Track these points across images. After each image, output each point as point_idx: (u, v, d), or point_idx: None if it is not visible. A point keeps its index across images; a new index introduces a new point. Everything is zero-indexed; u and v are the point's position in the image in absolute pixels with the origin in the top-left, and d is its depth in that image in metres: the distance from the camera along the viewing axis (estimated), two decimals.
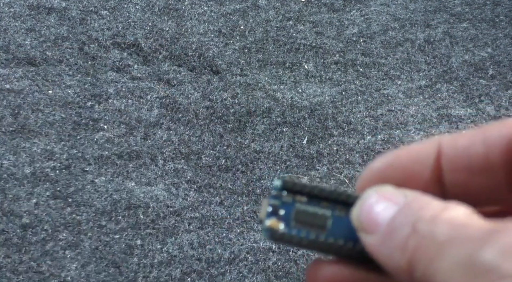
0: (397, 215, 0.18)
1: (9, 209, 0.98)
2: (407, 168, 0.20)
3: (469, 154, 0.19)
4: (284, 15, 1.38)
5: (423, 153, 0.20)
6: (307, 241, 0.20)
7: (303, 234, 0.20)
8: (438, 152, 0.19)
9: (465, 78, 1.28)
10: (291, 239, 0.20)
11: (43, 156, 1.05)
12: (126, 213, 0.99)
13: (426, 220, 0.17)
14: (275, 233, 0.20)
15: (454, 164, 0.19)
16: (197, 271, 0.94)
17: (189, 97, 1.18)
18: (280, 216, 0.20)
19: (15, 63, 1.20)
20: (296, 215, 0.20)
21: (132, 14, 1.33)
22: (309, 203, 0.20)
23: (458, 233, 0.16)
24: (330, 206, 0.20)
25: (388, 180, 0.20)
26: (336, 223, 0.20)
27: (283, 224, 0.20)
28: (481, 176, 0.19)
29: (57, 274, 0.91)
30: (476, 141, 0.19)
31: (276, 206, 0.20)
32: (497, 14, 1.43)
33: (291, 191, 0.20)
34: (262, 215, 0.20)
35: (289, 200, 0.20)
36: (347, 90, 1.23)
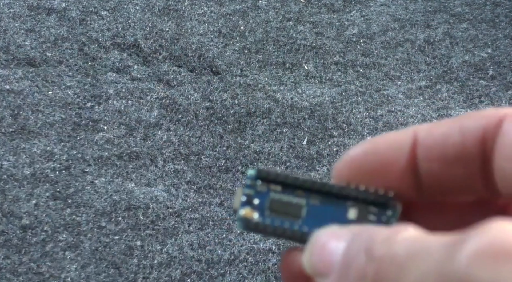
0: (349, 247, 0.17)
1: (9, 210, 0.98)
2: (383, 155, 0.19)
3: (445, 143, 0.19)
4: (284, 16, 1.38)
5: (399, 141, 0.19)
6: (282, 230, 0.19)
7: (278, 223, 0.20)
8: (414, 140, 0.19)
9: (465, 78, 1.28)
10: (266, 228, 0.19)
11: (43, 157, 1.05)
12: (126, 214, 0.99)
13: (380, 243, 0.16)
14: (249, 223, 0.20)
15: (429, 152, 0.19)
16: (197, 272, 0.94)
17: (189, 98, 1.18)
18: (255, 205, 0.20)
19: (15, 64, 1.20)
20: (271, 204, 0.20)
21: (132, 14, 1.33)
22: (284, 192, 0.20)
23: (419, 248, 0.15)
24: (304, 195, 0.20)
25: (364, 168, 0.20)
26: (310, 212, 0.20)
27: (257, 213, 0.20)
28: (456, 166, 0.19)
29: (57, 275, 0.91)
30: (452, 130, 0.19)
31: (250, 196, 0.20)
32: (497, 15, 1.43)
33: (266, 180, 0.20)
34: (236, 204, 0.20)
35: (263, 189, 0.20)
36: (347, 91, 1.23)
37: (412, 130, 0.19)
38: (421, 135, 0.19)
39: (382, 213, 0.20)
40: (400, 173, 0.19)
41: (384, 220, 0.20)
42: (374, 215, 0.20)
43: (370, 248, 0.16)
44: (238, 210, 0.20)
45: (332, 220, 0.20)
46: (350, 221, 0.20)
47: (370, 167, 0.20)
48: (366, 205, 0.20)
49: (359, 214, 0.20)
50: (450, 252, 0.14)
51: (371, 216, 0.20)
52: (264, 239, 0.98)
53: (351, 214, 0.20)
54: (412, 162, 0.19)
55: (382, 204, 0.20)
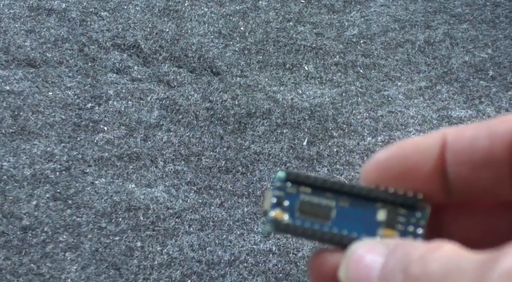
0: (386, 264, 0.17)
1: (9, 210, 0.98)
2: (411, 159, 0.20)
3: (474, 147, 0.19)
4: (284, 16, 1.38)
5: (427, 144, 0.19)
6: (312, 231, 0.20)
7: (308, 224, 0.20)
8: (442, 144, 0.19)
9: (465, 79, 1.28)
10: (296, 229, 0.20)
11: (43, 158, 1.05)
12: (126, 215, 0.99)
13: (416, 262, 0.16)
14: (279, 224, 0.20)
15: (458, 156, 0.19)
16: (197, 273, 0.94)
17: (189, 98, 1.18)
18: (284, 207, 0.20)
19: (15, 65, 1.20)
20: (301, 205, 0.20)
21: (132, 15, 1.33)
22: (313, 193, 0.20)
23: (453, 268, 0.15)
24: (334, 197, 0.20)
25: (392, 171, 0.20)
26: (340, 214, 0.20)
27: (287, 215, 0.20)
28: (485, 170, 0.19)
29: (57, 276, 0.91)
30: (481, 134, 0.19)
31: (281, 197, 0.20)
32: (497, 15, 1.43)
33: (295, 182, 0.21)
34: (267, 206, 0.20)
35: (293, 191, 0.20)
36: (347, 91, 1.23)
37: (441, 134, 0.19)
38: (449, 139, 0.19)
39: (411, 215, 0.20)
40: (428, 176, 0.19)
41: (413, 222, 0.20)
42: (403, 217, 0.20)
43: (407, 267, 0.16)
44: (268, 212, 0.20)
45: (361, 221, 0.20)
46: (379, 222, 0.20)
47: (398, 170, 0.20)
48: (395, 206, 0.20)
49: (388, 216, 0.20)
50: (483, 272, 0.14)
51: (400, 218, 0.20)
52: (264, 240, 0.98)
53: (380, 215, 0.20)
54: (441, 165, 0.19)
55: (411, 206, 0.20)
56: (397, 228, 0.20)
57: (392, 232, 0.20)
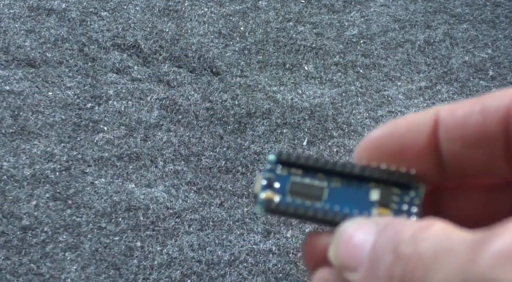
0: (376, 244, 0.17)
1: (9, 210, 0.98)
2: (404, 137, 0.19)
3: (467, 124, 0.18)
4: (284, 16, 1.38)
5: (420, 122, 0.19)
6: (303, 211, 0.19)
7: (299, 204, 0.19)
8: (435, 121, 0.19)
9: (465, 79, 1.28)
10: (287, 209, 0.19)
11: (43, 158, 1.05)
12: (126, 215, 0.99)
13: (406, 242, 0.16)
14: (270, 204, 0.20)
15: (451, 133, 0.19)
16: (197, 273, 0.94)
17: (189, 98, 1.18)
18: (275, 188, 0.20)
19: (15, 65, 1.20)
20: (292, 187, 0.20)
21: (132, 15, 1.33)
22: (305, 175, 0.20)
23: (444, 248, 0.15)
24: (325, 178, 0.20)
25: (385, 149, 0.20)
26: (332, 194, 0.20)
27: (278, 196, 0.20)
28: (478, 146, 0.18)
29: (57, 276, 0.91)
30: (474, 111, 0.18)
31: (271, 179, 0.20)
32: (497, 15, 1.43)
33: (286, 164, 0.20)
34: (257, 188, 0.20)
35: (284, 173, 0.20)
36: (347, 91, 1.23)
37: (434, 111, 0.19)
38: (442, 116, 0.19)
39: (405, 194, 0.20)
40: (421, 154, 0.19)
41: (408, 201, 0.19)
42: (397, 196, 0.20)
43: (397, 246, 0.16)
44: (258, 194, 0.20)
45: (354, 201, 0.19)
46: (372, 202, 0.19)
47: (391, 148, 0.19)
48: (388, 186, 0.20)
49: (382, 195, 0.20)
50: (474, 253, 0.14)
51: (394, 197, 0.19)
52: (264, 240, 0.98)
53: (373, 195, 0.20)
54: (434, 143, 0.19)
55: (405, 185, 0.20)
56: (391, 207, 0.19)
57: (386, 211, 0.19)
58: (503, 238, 0.14)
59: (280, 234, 0.99)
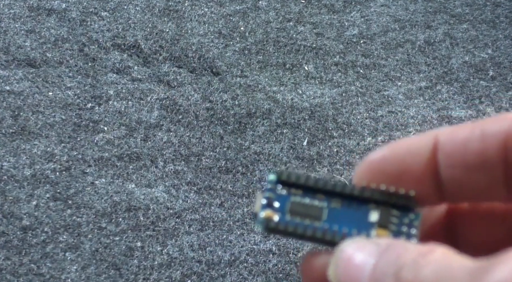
0: (377, 266, 0.17)
1: (9, 211, 0.98)
2: (403, 161, 0.19)
3: (466, 149, 0.18)
4: (284, 16, 1.38)
5: (419, 146, 0.19)
6: (302, 230, 0.19)
7: (298, 224, 0.20)
8: (434, 145, 0.19)
9: (466, 79, 1.28)
10: (286, 228, 0.19)
11: (43, 158, 1.05)
12: (126, 215, 0.99)
13: (408, 266, 0.16)
14: (269, 224, 0.20)
15: (450, 158, 0.19)
16: (197, 273, 0.94)
17: (189, 98, 1.18)
18: (275, 208, 0.20)
19: (15, 65, 1.20)
20: (291, 206, 0.20)
21: (132, 15, 1.33)
22: (304, 195, 0.20)
23: (444, 276, 0.15)
24: (325, 198, 0.20)
25: (384, 173, 0.20)
26: (331, 214, 0.20)
27: (278, 215, 0.20)
28: (478, 171, 0.18)
29: (57, 276, 0.91)
30: (474, 136, 0.18)
31: (271, 199, 0.20)
32: (497, 15, 1.43)
33: (286, 184, 0.20)
34: (257, 207, 0.20)
35: (283, 193, 0.20)
36: (347, 91, 1.23)
37: (433, 135, 0.19)
38: (441, 140, 0.19)
39: (404, 216, 0.20)
40: (420, 177, 0.19)
41: (407, 223, 0.19)
42: (396, 218, 0.20)
43: (399, 271, 0.16)
44: (258, 213, 0.20)
45: (353, 222, 0.19)
46: (372, 223, 0.20)
47: (391, 171, 0.19)
48: (388, 207, 0.20)
49: (381, 217, 0.20)
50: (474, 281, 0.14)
51: (393, 219, 0.20)
52: (264, 240, 0.98)
53: (372, 216, 0.20)
54: (433, 166, 0.19)
55: (405, 207, 0.20)
56: (390, 228, 0.19)
57: (385, 232, 0.19)
58: (502, 268, 0.14)
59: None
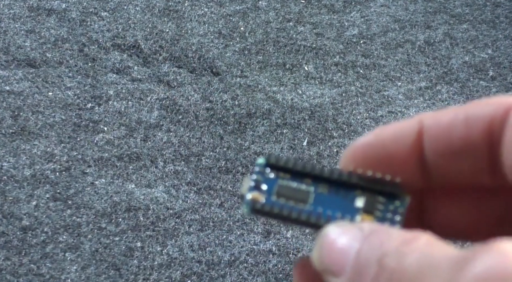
0: (360, 251, 0.17)
1: (9, 211, 0.98)
2: (388, 145, 0.19)
3: (450, 133, 0.18)
4: (284, 17, 1.38)
5: (404, 130, 0.19)
6: (288, 212, 0.20)
7: (284, 206, 0.20)
8: (419, 130, 0.19)
9: (466, 79, 1.28)
10: (271, 210, 0.20)
11: (43, 158, 1.05)
12: (126, 215, 0.99)
13: (391, 253, 0.16)
14: (255, 205, 0.20)
15: (435, 143, 0.19)
16: (197, 273, 0.94)
17: (189, 99, 1.18)
18: (262, 190, 0.20)
19: (15, 65, 1.20)
20: (278, 189, 0.20)
21: (132, 15, 1.33)
22: (292, 178, 0.20)
23: (427, 264, 0.15)
24: (312, 182, 0.20)
25: (370, 157, 0.20)
26: (318, 198, 0.20)
27: (264, 197, 0.20)
28: (462, 156, 0.18)
29: (57, 276, 0.91)
30: (458, 120, 0.18)
31: (259, 181, 0.20)
32: (497, 15, 1.43)
33: (274, 168, 0.21)
34: (244, 190, 0.20)
35: (271, 176, 0.21)
36: (347, 91, 1.23)
37: (417, 120, 0.19)
38: (426, 124, 0.19)
39: (390, 203, 0.20)
40: (405, 162, 0.19)
41: (392, 209, 0.20)
42: (382, 204, 0.20)
43: (382, 258, 0.16)
44: (245, 194, 0.20)
45: (339, 207, 0.20)
46: (357, 209, 0.20)
47: (376, 157, 0.20)
48: (374, 194, 0.20)
49: (367, 203, 0.20)
50: (456, 272, 0.14)
51: (379, 205, 0.20)
52: (264, 240, 0.98)
53: (358, 202, 0.20)
54: (418, 151, 0.19)
55: (390, 194, 0.20)
56: (375, 215, 0.20)
57: (370, 217, 0.19)
58: (484, 259, 0.14)
59: (280, 235, 0.99)
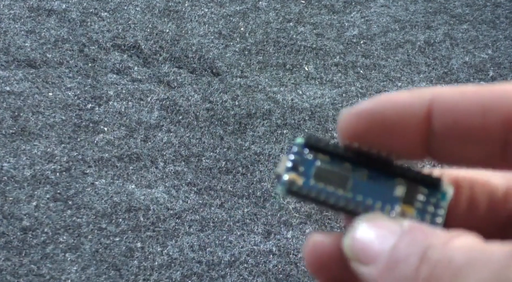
0: (399, 244, 0.16)
1: (9, 211, 0.98)
2: (393, 119, 0.18)
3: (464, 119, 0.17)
4: (284, 17, 1.38)
5: (412, 105, 0.18)
6: (325, 197, 0.19)
7: (322, 190, 0.19)
8: (429, 107, 0.18)
9: (466, 80, 1.28)
10: (308, 193, 0.19)
11: (43, 158, 1.05)
12: (126, 216, 0.99)
13: (437, 247, 0.15)
14: (292, 186, 0.19)
15: (445, 124, 0.18)
16: (198, 273, 0.94)
17: (189, 99, 1.18)
18: (300, 172, 0.19)
19: (15, 65, 1.20)
20: (316, 172, 0.19)
21: (132, 16, 1.33)
22: (331, 162, 0.20)
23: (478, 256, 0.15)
24: (352, 168, 0.19)
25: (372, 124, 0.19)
26: (356, 184, 0.19)
27: (302, 179, 0.19)
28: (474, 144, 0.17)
29: (57, 277, 0.91)
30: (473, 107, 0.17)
31: (297, 162, 0.20)
32: (497, 16, 1.43)
33: (313, 149, 0.20)
34: (281, 169, 0.19)
35: (310, 157, 0.20)
36: (348, 92, 1.23)
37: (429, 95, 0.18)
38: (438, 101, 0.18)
39: (431, 195, 0.19)
40: (410, 137, 0.18)
41: (434, 202, 0.19)
42: (423, 195, 0.19)
43: (426, 251, 0.15)
44: (282, 175, 0.19)
45: (378, 194, 0.19)
46: (397, 198, 0.19)
47: (380, 124, 0.18)
48: (415, 183, 0.19)
49: (407, 192, 0.19)
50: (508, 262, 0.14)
51: (420, 196, 0.19)
52: (265, 240, 0.98)
53: (398, 191, 0.19)
54: (425, 128, 0.18)
55: (433, 185, 0.19)
56: (415, 206, 0.19)
57: (410, 209, 0.19)
58: None
59: (281, 235, 0.99)
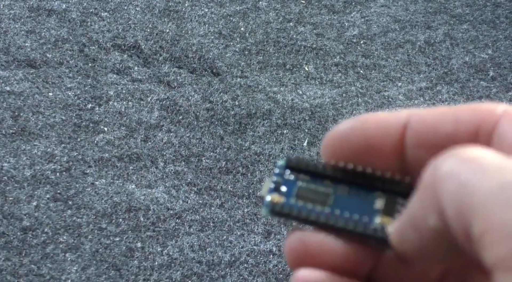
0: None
1: (10, 211, 0.98)
2: (371, 135, 0.19)
3: (436, 132, 0.18)
4: (284, 17, 1.38)
5: (389, 122, 0.19)
6: (306, 214, 0.19)
7: (303, 208, 0.20)
8: (404, 125, 0.19)
9: (466, 80, 1.28)
10: (290, 211, 0.20)
11: (44, 158, 1.05)
12: (126, 216, 0.99)
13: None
14: (275, 207, 0.20)
15: (419, 139, 0.19)
16: (198, 273, 0.94)
17: (189, 99, 1.18)
18: (282, 192, 0.20)
19: (15, 65, 1.20)
20: (298, 191, 0.20)
21: (132, 16, 1.33)
22: (312, 181, 0.20)
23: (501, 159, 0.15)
24: (332, 185, 0.20)
25: (351, 146, 0.19)
26: (337, 200, 0.20)
27: (284, 199, 0.20)
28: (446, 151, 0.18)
29: (57, 277, 0.91)
30: (446, 120, 0.18)
31: (278, 183, 0.20)
32: (497, 16, 1.43)
33: (294, 170, 0.21)
34: (264, 191, 0.20)
35: (291, 178, 0.20)
36: (348, 92, 1.23)
37: (405, 114, 0.19)
38: (413, 120, 0.19)
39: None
40: (386, 154, 0.19)
41: None
42: (402, 206, 0.20)
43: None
44: (265, 196, 0.20)
45: (359, 208, 0.20)
46: (376, 210, 0.20)
47: (357, 145, 0.19)
48: (394, 195, 0.20)
49: (386, 204, 0.20)
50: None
51: (398, 207, 0.20)
52: (265, 240, 0.98)
53: (378, 204, 0.20)
54: (400, 146, 0.19)
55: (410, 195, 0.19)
56: (395, 217, 0.19)
57: (389, 219, 0.19)
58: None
59: (281, 235, 0.99)
